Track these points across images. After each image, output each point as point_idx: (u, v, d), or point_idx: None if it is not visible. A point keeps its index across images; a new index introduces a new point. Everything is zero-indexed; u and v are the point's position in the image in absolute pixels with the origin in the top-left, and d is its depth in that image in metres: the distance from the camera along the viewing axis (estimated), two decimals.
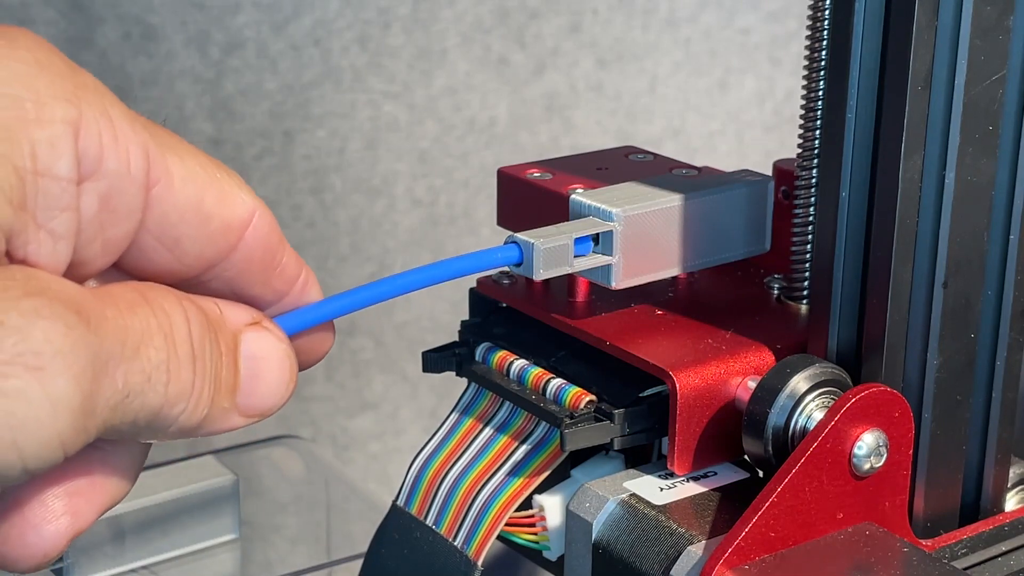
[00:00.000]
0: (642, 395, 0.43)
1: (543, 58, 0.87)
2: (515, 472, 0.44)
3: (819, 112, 0.43)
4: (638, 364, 0.42)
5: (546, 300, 0.46)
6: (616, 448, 0.43)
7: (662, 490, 0.42)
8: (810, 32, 0.43)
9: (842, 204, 0.41)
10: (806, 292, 0.46)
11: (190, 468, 0.67)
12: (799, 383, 0.40)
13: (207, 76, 0.78)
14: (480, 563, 0.43)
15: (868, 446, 0.39)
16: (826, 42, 0.42)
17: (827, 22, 0.42)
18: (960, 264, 0.41)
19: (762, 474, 0.43)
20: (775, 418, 0.40)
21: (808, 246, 0.45)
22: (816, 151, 0.43)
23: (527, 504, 0.44)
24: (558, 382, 0.44)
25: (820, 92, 0.43)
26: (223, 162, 0.35)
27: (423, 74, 0.84)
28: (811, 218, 0.44)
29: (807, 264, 0.45)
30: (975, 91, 0.39)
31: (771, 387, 0.41)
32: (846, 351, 0.42)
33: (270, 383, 0.35)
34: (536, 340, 0.46)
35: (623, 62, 0.90)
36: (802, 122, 0.43)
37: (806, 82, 0.43)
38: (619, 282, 0.42)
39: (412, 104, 0.84)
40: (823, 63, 0.43)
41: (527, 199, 0.48)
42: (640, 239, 0.43)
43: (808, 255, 0.45)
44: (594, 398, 0.43)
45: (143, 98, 0.77)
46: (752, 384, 0.41)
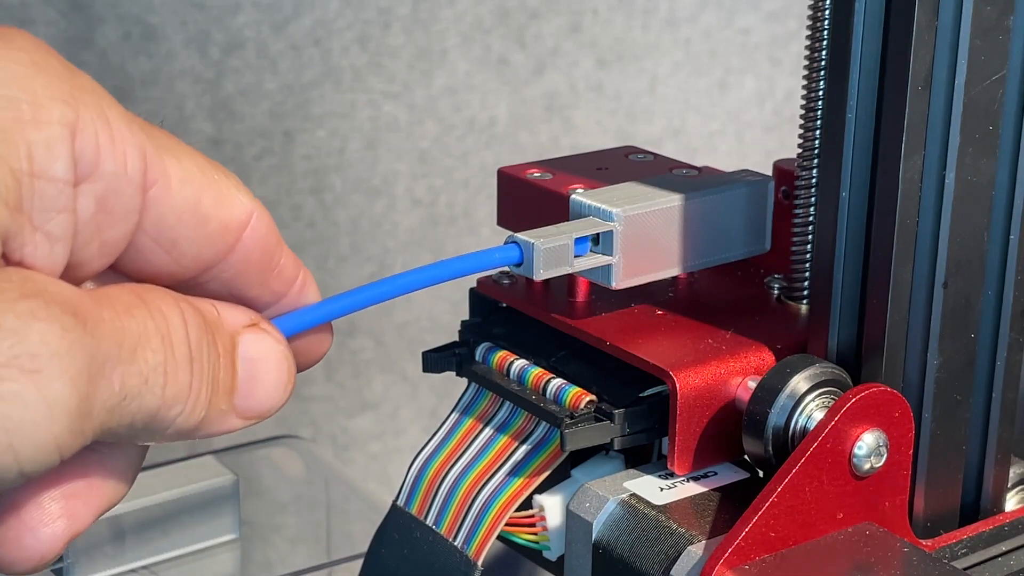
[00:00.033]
0: (642, 395, 0.43)
1: (543, 58, 0.87)
2: (515, 472, 0.44)
3: (819, 112, 0.43)
4: (638, 364, 0.42)
5: (546, 300, 0.46)
6: (616, 448, 0.43)
7: (662, 490, 0.42)
8: (810, 32, 0.43)
9: (842, 204, 0.41)
10: (806, 292, 0.46)
11: (190, 468, 0.67)
12: (799, 383, 0.40)
13: (207, 76, 0.78)
14: (480, 563, 0.43)
15: (868, 446, 0.39)
16: (826, 42, 0.42)
17: (827, 22, 0.42)
18: (960, 264, 0.41)
19: (762, 474, 0.43)
20: (775, 418, 0.40)
21: (808, 246, 0.45)
22: (816, 151, 0.43)
23: (527, 504, 0.44)
24: (558, 382, 0.44)
25: (820, 92, 0.43)
26: (223, 162, 0.34)
27: (423, 74, 0.84)
28: (811, 218, 0.44)
29: (807, 264, 0.45)
30: (975, 91, 0.39)
31: (771, 387, 0.41)
32: (846, 351, 0.42)
33: (268, 385, 0.35)
34: (536, 340, 0.46)
35: (623, 62, 0.90)
36: (802, 122, 0.43)
37: (806, 82, 0.43)
38: (619, 282, 0.42)
39: (412, 104, 0.84)
40: (823, 63, 0.43)
41: (527, 199, 0.48)
42: (640, 239, 0.43)
43: (808, 255, 0.45)
44: (594, 398, 0.43)
45: (143, 98, 0.77)
46: (752, 384, 0.41)
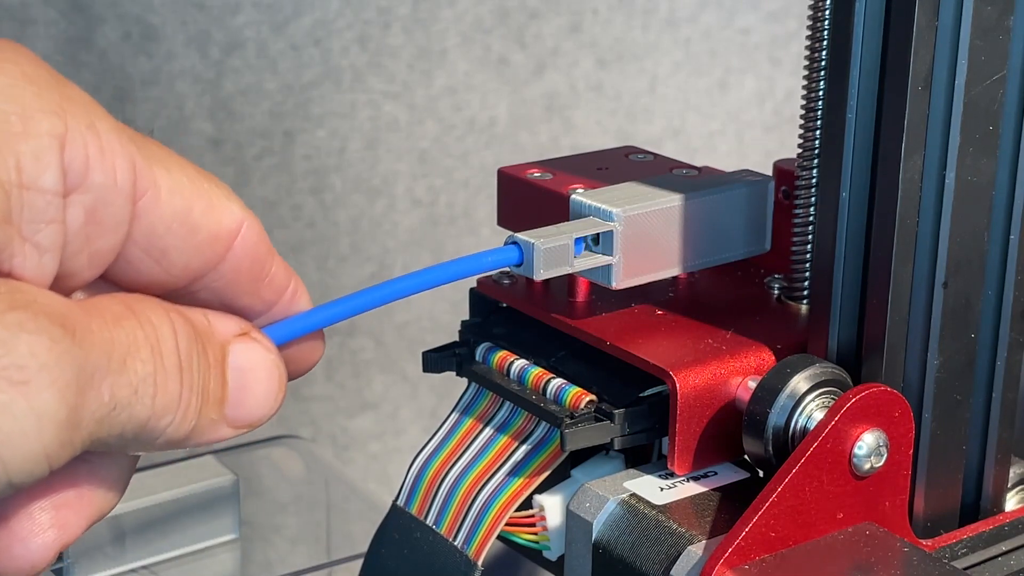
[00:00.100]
0: (642, 395, 0.43)
1: (543, 58, 0.87)
2: (515, 472, 0.44)
3: (819, 112, 0.43)
4: (638, 364, 0.42)
5: (546, 300, 0.46)
6: (616, 448, 0.43)
7: (662, 490, 0.42)
8: (810, 32, 0.43)
9: (842, 204, 0.41)
10: (806, 292, 0.46)
11: (190, 468, 0.67)
12: (799, 383, 0.40)
13: (207, 76, 0.78)
14: (480, 563, 0.43)
15: (868, 446, 0.39)
16: (826, 42, 0.42)
17: (827, 22, 0.42)
18: (960, 264, 0.41)
19: (762, 474, 0.43)
20: (775, 418, 0.40)
21: (808, 246, 0.45)
22: (816, 151, 0.43)
23: (527, 504, 0.44)
24: (558, 382, 0.44)
25: (820, 92, 0.43)
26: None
27: (423, 74, 0.84)
28: (811, 218, 0.44)
29: (807, 264, 0.45)
30: (975, 91, 0.39)
31: (771, 387, 0.41)
32: (846, 351, 0.42)
33: (258, 394, 0.35)
34: (536, 340, 0.46)
35: (623, 62, 0.90)
36: (802, 122, 0.43)
37: (806, 82, 0.43)
38: (619, 282, 0.42)
39: (412, 104, 0.84)
40: (823, 63, 0.43)
41: (527, 199, 0.48)
42: (640, 239, 0.43)
43: (808, 255, 0.45)
44: (594, 398, 0.43)
45: (143, 98, 0.77)
46: (752, 384, 0.41)
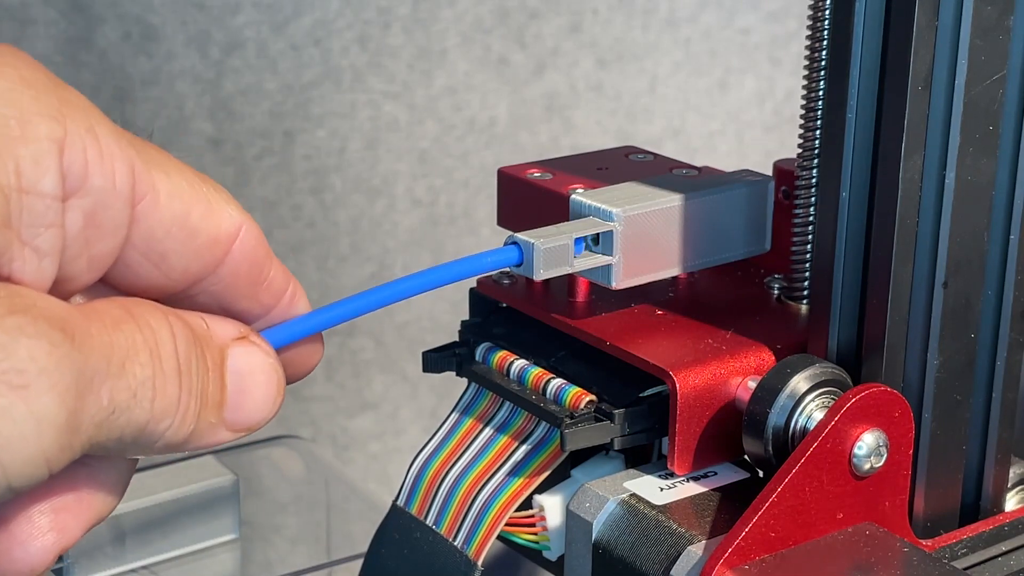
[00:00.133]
0: (642, 395, 0.43)
1: (543, 58, 0.87)
2: (515, 472, 0.44)
3: (819, 112, 0.43)
4: (638, 364, 0.42)
5: (546, 300, 0.46)
6: (616, 448, 0.43)
7: (662, 490, 0.42)
8: (810, 32, 0.43)
9: (842, 204, 0.41)
10: (806, 292, 0.46)
11: (190, 468, 0.67)
12: (799, 383, 0.40)
13: (207, 76, 0.78)
14: (480, 563, 0.43)
15: (868, 446, 0.39)
16: (826, 42, 0.42)
17: (827, 22, 0.42)
18: (960, 264, 0.41)
19: (762, 474, 0.43)
20: (775, 418, 0.40)
21: (808, 246, 0.45)
22: (816, 151, 0.43)
23: (527, 504, 0.44)
24: (558, 382, 0.44)
25: (820, 92, 0.43)
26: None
27: (423, 74, 0.84)
28: (811, 218, 0.44)
29: (807, 264, 0.45)
30: (975, 91, 0.39)
31: (771, 387, 0.41)
32: (846, 351, 0.42)
33: (257, 398, 0.35)
34: (536, 340, 0.46)
35: (623, 62, 0.90)
36: (802, 122, 0.43)
37: (806, 82, 0.43)
38: (619, 282, 0.42)
39: (412, 104, 0.84)
40: (823, 63, 0.43)
41: (527, 199, 0.48)
42: (640, 239, 0.43)
43: (808, 255, 0.45)
44: (594, 398, 0.43)
45: (143, 98, 0.77)
46: (752, 384, 0.41)
